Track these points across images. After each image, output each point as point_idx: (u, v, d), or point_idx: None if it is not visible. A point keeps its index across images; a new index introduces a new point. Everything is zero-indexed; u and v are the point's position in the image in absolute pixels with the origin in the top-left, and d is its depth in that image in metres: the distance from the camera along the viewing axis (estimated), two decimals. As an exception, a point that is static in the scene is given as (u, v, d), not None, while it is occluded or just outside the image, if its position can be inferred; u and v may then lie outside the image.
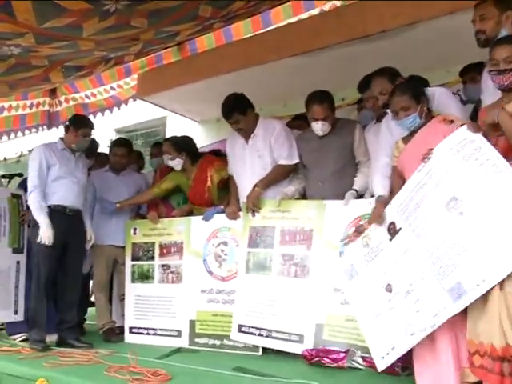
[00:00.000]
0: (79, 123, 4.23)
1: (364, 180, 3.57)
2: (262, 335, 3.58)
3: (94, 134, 4.42)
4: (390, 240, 2.80)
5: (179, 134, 4.85)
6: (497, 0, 2.91)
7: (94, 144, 4.90)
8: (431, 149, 2.64)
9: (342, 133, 3.70)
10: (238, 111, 3.84)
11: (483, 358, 2.31)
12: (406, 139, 2.94)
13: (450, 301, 2.46)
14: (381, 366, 2.81)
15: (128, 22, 3.77)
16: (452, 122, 2.70)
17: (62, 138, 4.27)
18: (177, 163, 4.31)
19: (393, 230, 2.79)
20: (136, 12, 3.64)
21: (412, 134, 2.90)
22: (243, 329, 3.66)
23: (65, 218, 4.09)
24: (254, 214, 3.80)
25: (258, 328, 3.60)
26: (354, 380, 2.94)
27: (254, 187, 3.79)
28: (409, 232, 2.69)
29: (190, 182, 4.31)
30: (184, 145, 4.36)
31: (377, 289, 2.83)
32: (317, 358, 3.22)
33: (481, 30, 2.92)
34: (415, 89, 2.88)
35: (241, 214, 3.91)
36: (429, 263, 2.56)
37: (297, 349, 3.38)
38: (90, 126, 4.28)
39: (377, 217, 2.94)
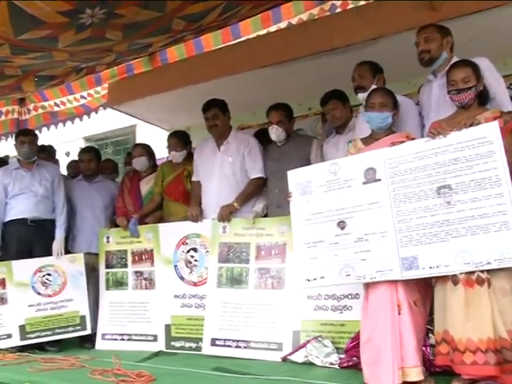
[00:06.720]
0: (15, 134, 4.57)
1: None
2: (239, 347, 3.67)
3: (60, 143, 4.55)
4: (364, 184, 2.76)
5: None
6: (439, 26, 3.22)
7: (51, 150, 5.41)
8: (450, 130, 2.59)
9: (299, 144, 3.94)
10: (219, 108, 4.08)
11: (475, 355, 2.37)
12: (365, 140, 3.02)
13: (398, 267, 2.60)
14: (303, 285, 2.95)
15: (103, 34, 3.86)
16: (413, 139, 2.79)
17: (18, 158, 4.53)
18: (181, 155, 4.44)
19: (371, 176, 2.75)
20: (111, 25, 3.74)
21: (372, 136, 3.01)
22: (217, 342, 3.76)
23: (26, 229, 4.37)
24: (224, 230, 3.92)
25: (234, 340, 3.71)
26: (332, 375, 3.01)
27: (232, 203, 3.91)
28: (388, 189, 2.69)
29: (175, 173, 4.42)
30: (188, 140, 4.56)
31: (327, 219, 2.83)
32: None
33: (425, 50, 3.18)
34: (395, 98, 3.05)
35: (209, 225, 4.00)
36: (395, 227, 2.63)
37: (276, 356, 3.50)
38: (23, 133, 4.53)
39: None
